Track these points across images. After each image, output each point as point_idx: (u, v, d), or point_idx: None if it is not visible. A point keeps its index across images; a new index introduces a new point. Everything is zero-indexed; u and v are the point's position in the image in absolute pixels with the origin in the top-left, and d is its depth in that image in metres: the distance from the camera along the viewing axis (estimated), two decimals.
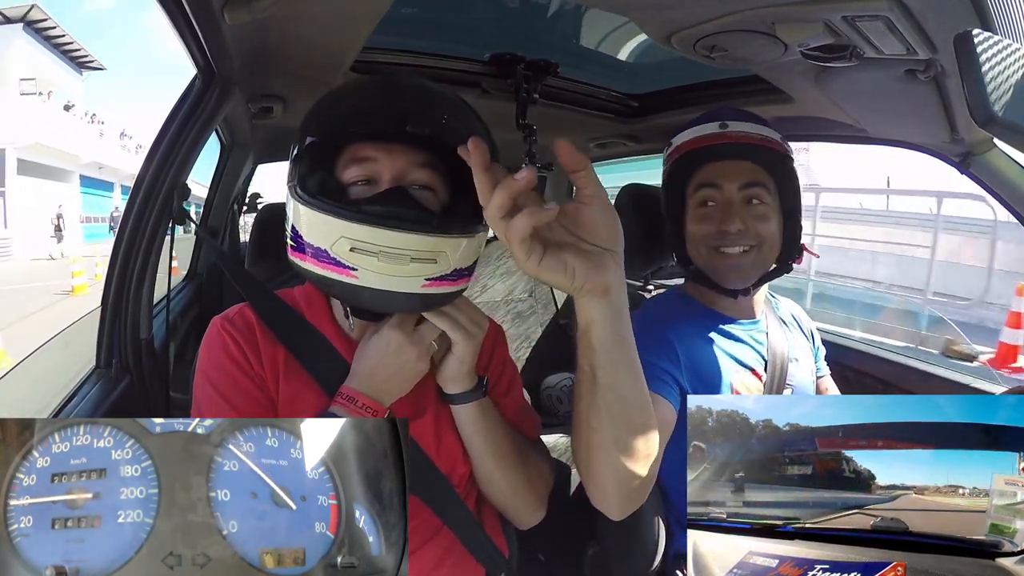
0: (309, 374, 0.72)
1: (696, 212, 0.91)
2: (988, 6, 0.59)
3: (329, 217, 0.63)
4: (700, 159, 0.90)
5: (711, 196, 0.89)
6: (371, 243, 0.62)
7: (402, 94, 0.71)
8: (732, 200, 0.88)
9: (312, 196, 0.65)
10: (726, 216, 0.87)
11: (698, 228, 0.91)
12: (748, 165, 0.88)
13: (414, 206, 0.65)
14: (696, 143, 0.90)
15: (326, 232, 0.64)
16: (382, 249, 0.62)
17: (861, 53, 0.78)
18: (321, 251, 0.64)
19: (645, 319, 0.89)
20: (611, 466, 0.61)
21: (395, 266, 0.62)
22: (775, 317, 1.02)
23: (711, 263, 0.90)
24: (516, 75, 1.34)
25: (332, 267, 0.64)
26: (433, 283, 0.65)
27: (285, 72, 1.11)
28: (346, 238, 0.62)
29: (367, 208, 0.63)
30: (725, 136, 0.88)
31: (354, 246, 0.62)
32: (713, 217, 0.89)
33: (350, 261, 0.63)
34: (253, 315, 0.75)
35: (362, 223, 0.62)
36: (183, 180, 1.05)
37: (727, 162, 0.89)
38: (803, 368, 1.00)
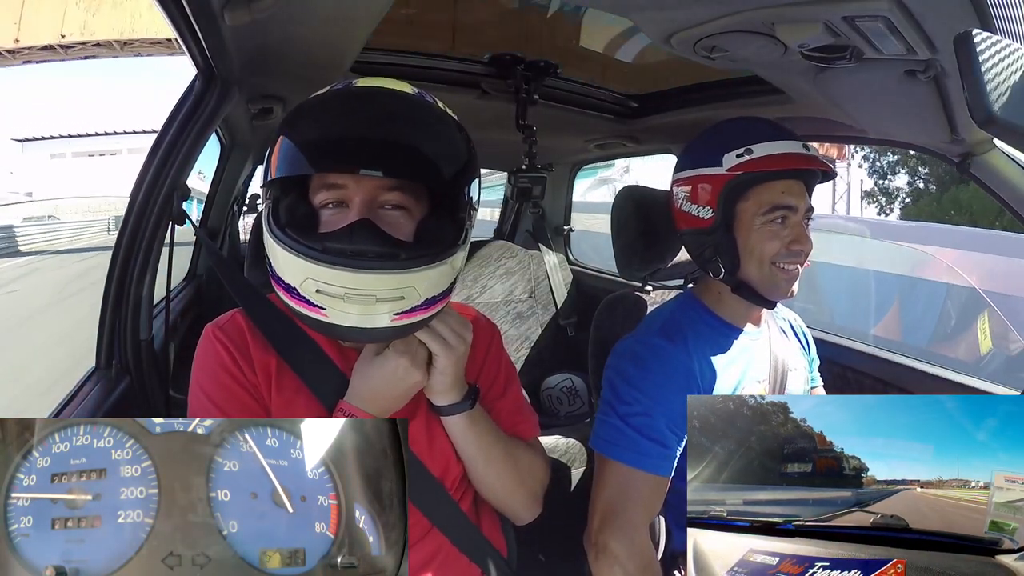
0: (301, 380, 0.72)
1: (765, 227, 0.89)
2: (988, 6, 0.59)
3: (295, 257, 0.63)
4: (778, 176, 0.88)
5: (784, 215, 0.89)
6: (336, 285, 0.62)
7: (370, 121, 0.66)
8: (800, 220, 0.90)
9: (281, 230, 0.65)
10: (799, 236, 0.89)
11: (765, 243, 0.89)
12: (806, 187, 0.91)
13: (379, 242, 0.63)
14: (784, 161, 0.87)
15: (294, 271, 0.64)
16: (347, 291, 0.61)
17: (861, 53, 0.78)
18: (291, 288, 0.65)
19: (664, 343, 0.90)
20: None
21: (362, 306, 0.62)
22: (776, 327, 1.03)
23: (768, 277, 0.90)
24: (516, 76, 1.35)
25: (302, 304, 0.64)
26: (403, 315, 0.64)
27: (285, 72, 1.11)
28: (312, 279, 0.62)
29: (331, 246, 0.62)
30: (813, 160, 0.88)
31: (319, 288, 0.62)
32: (780, 235, 0.89)
33: (318, 301, 0.63)
34: (244, 322, 0.75)
35: (326, 264, 0.61)
36: (183, 180, 1.05)
37: (799, 183, 0.90)
38: (799, 378, 1.01)
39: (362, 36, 0.97)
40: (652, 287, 1.27)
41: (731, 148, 0.89)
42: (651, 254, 1.16)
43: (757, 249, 0.89)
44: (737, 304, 0.95)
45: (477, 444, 0.75)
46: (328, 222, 0.67)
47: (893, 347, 1.45)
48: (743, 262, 0.90)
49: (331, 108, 0.68)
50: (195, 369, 0.73)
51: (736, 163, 0.88)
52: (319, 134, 0.67)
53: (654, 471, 0.85)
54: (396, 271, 0.62)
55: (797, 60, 0.85)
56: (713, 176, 0.90)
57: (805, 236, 0.89)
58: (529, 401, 0.92)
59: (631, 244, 1.14)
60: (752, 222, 0.89)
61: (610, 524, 0.84)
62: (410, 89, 0.70)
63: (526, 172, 1.61)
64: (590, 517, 0.87)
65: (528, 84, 1.36)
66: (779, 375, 0.97)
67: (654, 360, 0.89)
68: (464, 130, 0.70)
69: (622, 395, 0.89)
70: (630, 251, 1.14)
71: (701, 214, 0.92)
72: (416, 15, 1.20)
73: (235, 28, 0.83)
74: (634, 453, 0.85)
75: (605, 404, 0.91)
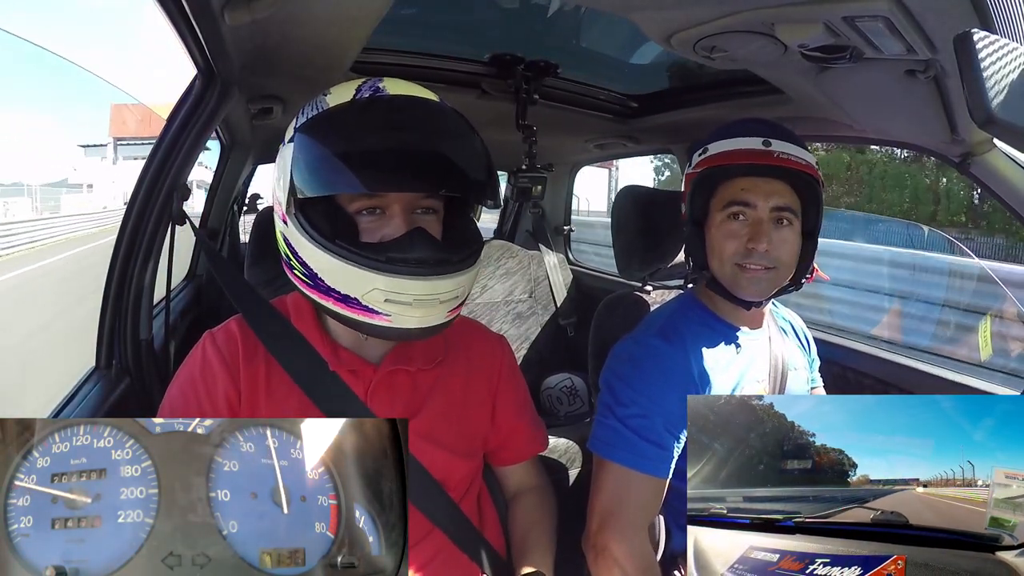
0: (295, 382, 0.73)
1: (724, 225, 0.89)
2: (988, 6, 0.59)
3: (361, 269, 0.64)
4: (736, 172, 0.88)
5: (742, 212, 0.88)
6: (405, 293, 0.65)
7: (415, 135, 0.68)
8: (762, 219, 0.87)
9: (331, 240, 0.65)
10: (755, 234, 0.87)
11: (724, 241, 0.89)
12: (782, 186, 0.88)
13: (436, 248, 0.67)
14: (736, 156, 0.87)
15: (357, 283, 0.65)
16: (416, 298, 0.65)
17: (861, 53, 0.78)
18: (351, 298, 0.66)
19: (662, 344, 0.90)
20: None
21: (426, 310, 0.66)
22: (776, 327, 1.03)
23: (731, 276, 0.90)
24: (516, 75, 1.35)
25: (363, 312, 0.66)
26: (453, 311, 0.71)
27: (285, 72, 1.10)
28: (379, 290, 0.64)
29: (395, 256, 0.64)
30: (768, 156, 0.86)
31: (388, 297, 0.65)
32: (740, 233, 0.88)
33: (383, 309, 0.65)
34: (239, 329, 0.76)
35: (396, 275, 0.64)
36: (183, 180, 1.05)
37: (763, 180, 0.88)
38: (799, 378, 1.01)
39: (362, 36, 0.97)
40: (652, 287, 1.27)
41: (701, 146, 0.93)
42: (651, 254, 1.16)
43: (717, 247, 0.90)
44: (728, 304, 0.95)
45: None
46: (369, 230, 0.68)
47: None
48: (709, 259, 0.92)
49: (378, 120, 0.68)
50: (180, 367, 0.75)
51: (697, 161, 0.92)
52: (373, 150, 0.66)
53: (652, 472, 0.85)
54: (455, 275, 0.67)
55: (797, 60, 0.85)
56: (688, 174, 0.94)
57: (761, 235, 0.86)
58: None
59: (631, 244, 1.14)
60: (714, 219, 0.91)
61: (609, 526, 0.84)
62: (435, 97, 0.72)
63: (526, 172, 1.62)
64: (588, 519, 0.87)
65: (528, 84, 1.36)
66: (779, 375, 0.97)
67: (651, 361, 0.89)
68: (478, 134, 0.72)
69: (619, 396, 0.89)
70: (630, 251, 1.14)
71: (683, 210, 0.96)
72: (416, 15, 1.20)
73: (235, 28, 0.83)
74: (632, 454, 0.85)
75: (603, 406, 0.91)
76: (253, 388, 0.73)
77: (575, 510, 0.91)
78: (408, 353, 0.77)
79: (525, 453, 0.88)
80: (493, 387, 0.83)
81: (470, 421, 0.81)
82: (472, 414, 0.81)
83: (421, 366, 0.77)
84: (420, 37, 1.29)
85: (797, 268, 0.91)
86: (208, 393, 0.72)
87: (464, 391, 0.80)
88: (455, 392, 0.79)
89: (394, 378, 0.76)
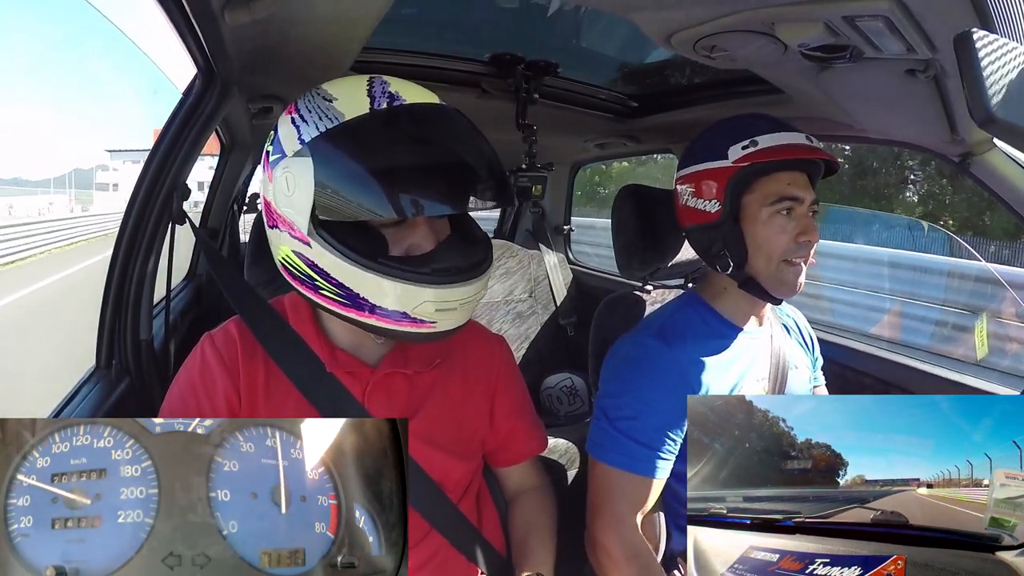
0: (293, 384, 0.73)
1: (772, 220, 0.88)
2: (988, 6, 0.59)
3: (412, 286, 0.64)
4: (784, 167, 0.88)
5: (791, 207, 0.88)
6: (452, 300, 0.66)
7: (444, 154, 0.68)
8: (806, 212, 0.89)
9: (371, 259, 0.64)
10: (807, 228, 0.88)
11: (775, 236, 0.88)
12: (809, 181, 0.91)
13: (469, 253, 0.69)
14: (790, 151, 0.87)
15: (407, 298, 0.65)
16: (460, 302, 0.67)
17: (861, 53, 0.78)
18: (399, 313, 0.66)
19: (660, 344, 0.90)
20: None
21: (465, 311, 0.69)
22: (779, 324, 1.02)
23: (776, 272, 0.89)
24: (516, 75, 1.35)
25: (411, 324, 0.67)
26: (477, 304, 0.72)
27: (285, 72, 1.10)
28: (429, 302, 0.65)
29: (439, 267, 0.66)
30: (816, 151, 0.88)
31: (439, 307, 0.66)
32: (787, 227, 0.88)
33: (433, 318, 0.67)
34: (238, 330, 0.76)
35: (445, 286, 0.65)
36: (183, 180, 1.05)
37: (803, 175, 0.90)
38: (801, 377, 1.01)
39: (362, 36, 0.97)
40: (652, 287, 1.27)
41: (736, 141, 0.89)
42: (651, 253, 1.16)
43: (765, 243, 0.88)
44: (741, 301, 0.95)
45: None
46: (397, 240, 0.67)
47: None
48: (751, 256, 0.90)
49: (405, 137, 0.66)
50: (179, 370, 0.75)
51: (742, 155, 0.88)
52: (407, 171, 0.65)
53: (641, 473, 0.86)
54: (487, 272, 0.70)
55: (797, 60, 0.85)
56: (719, 169, 0.89)
57: (812, 227, 0.89)
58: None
59: (631, 243, 1.14)
60: (759, 214, 0.88)
61: (606, 527, 0.85)
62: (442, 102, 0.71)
63: (526, 171, 1.61)
64: (587, 518, 0.89)
65: (528, 83, 1.36)
66: (780, 373, 0.97)
67: (647, 362, 0.89)
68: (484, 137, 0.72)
69: (613, 398, 0.90)
70: (630, 250, 1.14)
71: (708, 208, 0.91)
72: (416, 15, 1.20)
73: (235, 28, 0.82)
74: (621, 456, 0.87)
75: (598, 407, 0.92)
76: (252, 390, 0.73)
77: (575, 510, 0.91)
78: (405, 356, 0.77)
79: (524, 454, 0.88)
80: (491, 388, 0.83)
81: (468, 423, 0.80)
82: (470, 416, 0.81)
83: (418, 368, 0.77)
84: (420, 37, 1.29)
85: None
86: (208, 395, 0.72)
87: (462, 393, 0.80)
88: (453, 394, 0.79)
89: (391, 381, 0.76)
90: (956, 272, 4.25)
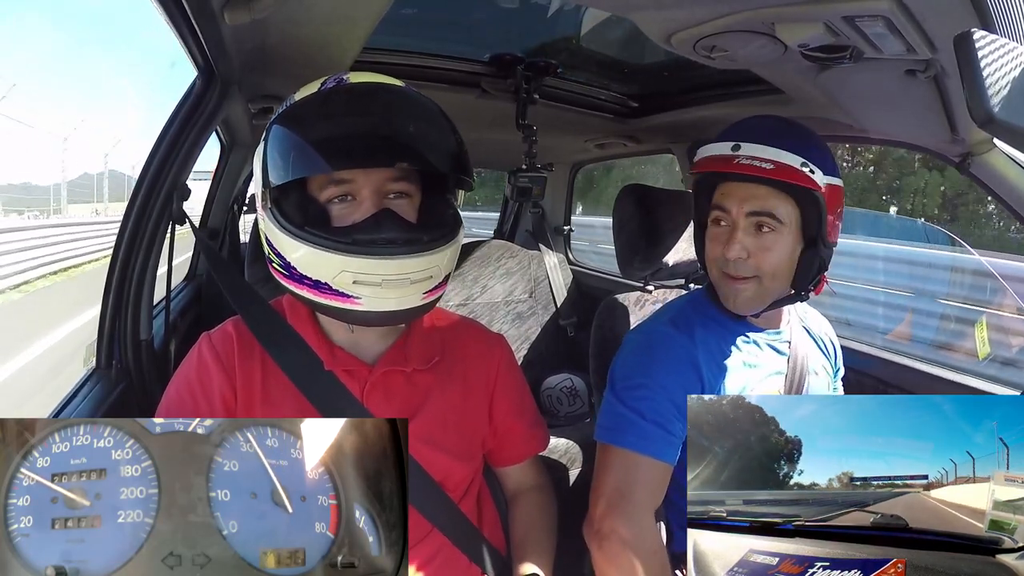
0: (292, 382, 0.73)
1: (710, 230, 0.90)
2: (988, 6, 0.59)
3: (327, 252, 0.65)
4: (714, 179, 0.89)
5: (722, 217, 0.87)
6: (373, 273, 0.65)
7: (381, 116, 0.70)
8: (738, 225, 0.86)
9: (300, 228, 0.66)
10: (729, 240, 0.86)
11: (709, 246, 0.90)
12: (762, 190, 0.84)
13: (405, 228, 0.67)
14: (707, 164, 0.87)
15: (326, 266, 0.66)
16: (384, 278, 0.65)
17: (861, 53, 0.78)
18: (321, 283, 0.66)
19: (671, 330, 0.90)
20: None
21: (398, 290, 0.67)
22: (800, 328, 1.00)
23: (718, 282, 0.90)
24: (516, 75, 1.34)
25: (334, 297, 0.67)
26: (430, 293, 0.70)
27: (285, 72, 1.10)
28: (347, 272, 0.65)
29: (361, 238, 0.65)
30: (732, 162, 0.83)
31: (357, 279, 0.65)
32: (720, 239, 0.88)
33: (353, 291, 0.66)
34: (235, 330, 0.76)
35: (363, 256, 0.64)
36: (183, 180, 1.05)
37: (738, 185, 0.86)
38: (820, 382, 0.99)
39: (362, 36, 0.97)
40: (653, 287, 1.27)
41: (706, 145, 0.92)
42: (653, 253, 1.16)
43: (707, 251, 0.91)
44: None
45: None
46: (340, 216, 0.69)
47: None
48: (705, 262, 0.93)
49: (338, 106, 0.70)
50: (177, 370, 0.76)
51: (691, 167, 0.93)
52: (332, 133, 0.69)
53: (658, 456, 0.83)
54: (425, 253, 0.67)
55: (797, 60, 0.85)
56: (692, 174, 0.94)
57: (732, 241, 0.85)
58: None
59: (632, 243, 1.14)
60: (708, 224, 0.92)
61: (616, 509, 0.82)
62: (400, 83, 0.73)
63: (526, 172, 1.61)
64: (592, 506, 0.85)
65: (528, 84, 1.36)
66: (798, 376, 0.95)
67: (660, 347, 0.89)
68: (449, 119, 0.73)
69: (627, 382, 0.88)
70: (631, 250, 1.14)
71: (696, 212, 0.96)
72: (416, 15, 1.20)
73: (235, 28, 0.83)
74: (638, 438, 0.84)
75: (610, 393, 0.90)
76: (249, 388, 0.73)
77: (575, 510, 0.91)
78: (403, 353, 0.77)
79: (524, 454, 0.88)
80: (491, 388, 0.83)
81: (468, 423, 0.80)
82: (470, 416, 0.81)
83: (417, 367, 0.77)
84: (420, 37, 1.29)
85: (797, 277, 0.88)
86: (204, 393, 0.72)
87: (462, 393, 0.80)
88: (453, 394, 0.79)
89: (389, 379, 0.76)
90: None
